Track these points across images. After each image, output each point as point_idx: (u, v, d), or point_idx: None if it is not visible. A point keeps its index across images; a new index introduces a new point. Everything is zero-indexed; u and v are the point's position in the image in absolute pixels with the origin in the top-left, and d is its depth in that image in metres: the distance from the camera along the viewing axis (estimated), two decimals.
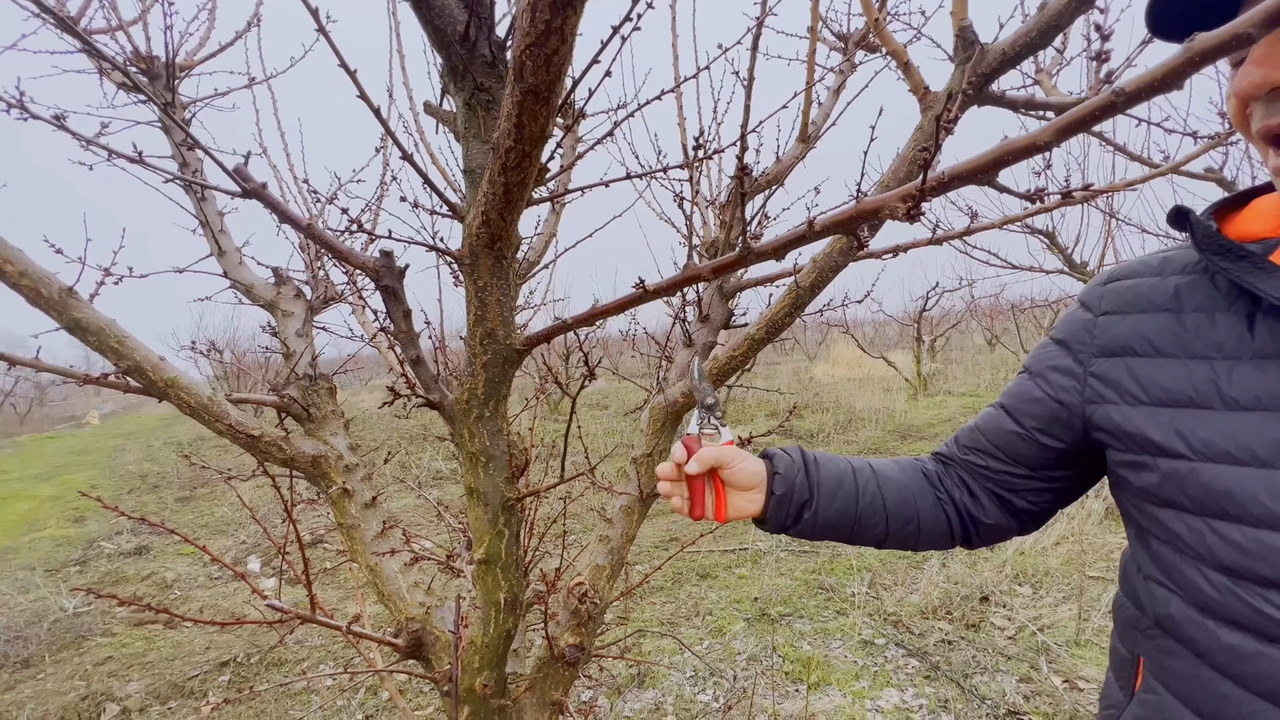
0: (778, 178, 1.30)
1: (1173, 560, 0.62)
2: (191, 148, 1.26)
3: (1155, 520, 0.63)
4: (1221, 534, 0.56)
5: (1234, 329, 0.58)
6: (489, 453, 0.80)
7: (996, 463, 0.77)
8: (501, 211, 0.63)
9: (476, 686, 0.92)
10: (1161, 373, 0.62)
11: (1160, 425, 0.61)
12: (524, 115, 0.52)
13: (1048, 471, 0.75)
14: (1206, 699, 0.58)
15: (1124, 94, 0.34)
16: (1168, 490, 0.60)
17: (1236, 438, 0.55)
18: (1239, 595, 0.55)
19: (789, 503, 0.76)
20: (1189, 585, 0.60)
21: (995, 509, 0.79)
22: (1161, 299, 0.65)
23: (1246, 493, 0.54)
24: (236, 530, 5.67)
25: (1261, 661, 0.54)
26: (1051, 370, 0.73)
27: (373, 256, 0.76)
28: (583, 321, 0.67)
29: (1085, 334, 0.70)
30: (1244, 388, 0.56)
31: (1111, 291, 0.70)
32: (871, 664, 2.67)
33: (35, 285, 0.86)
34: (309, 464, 1.06)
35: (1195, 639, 0.59)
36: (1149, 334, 0.64)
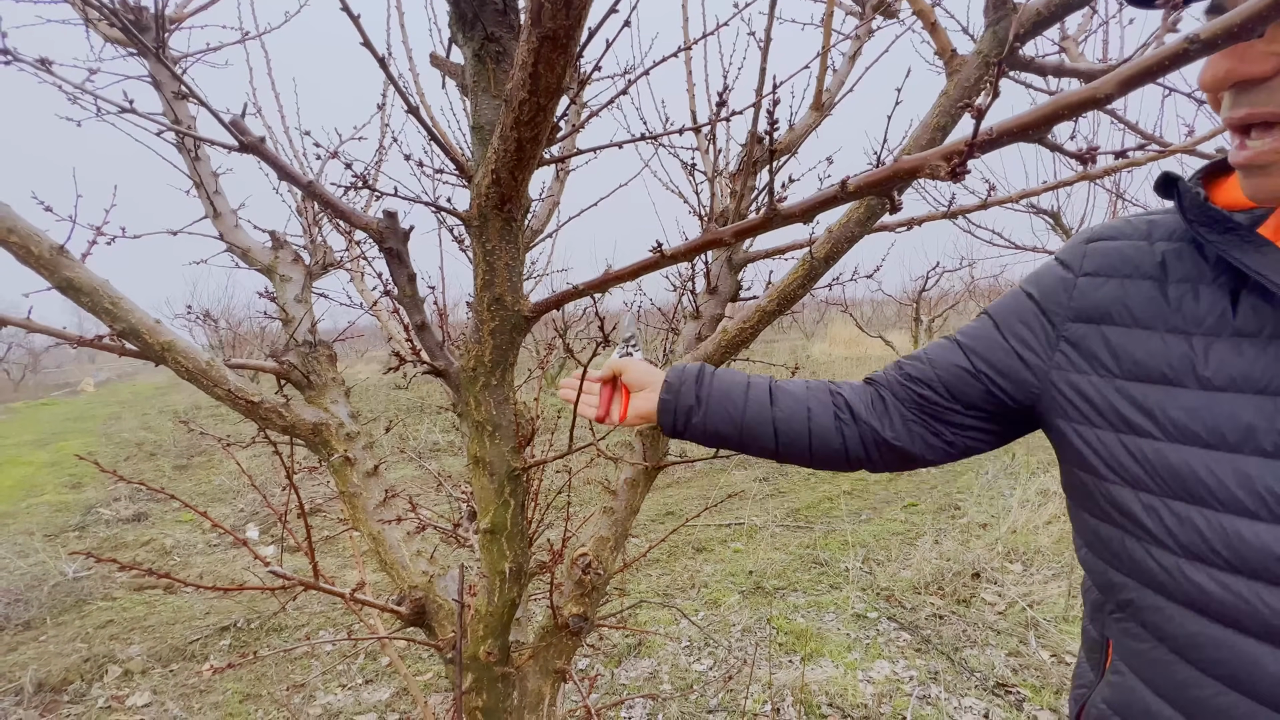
0: (790, 146, 1.26)
1: (1119, 540, 0.60)
2: (183, 97, 1.21)
3: (1108, 497, 0.60)
4: (1181, 516, 0.54)
5: (1217, 304, 0.55)
6: (495, 421, 0.78)
7: (937, 396, 0.74)
8: (513, 170, 0.60)
9: (480, 654, 0.92)
10: (1138, 345, 0.59)
11: (1130, 400, 0.58)
12: (540, 64, 0.49)
13: (980, 414, 0.72)
14: (1167, 683, 0.57)
15: (1199, 41, 0.31)
16: (1129, 466, 0.58)
17: (1207, 419, 0.53)
18: (1193, 579, 0.53)
19: (675, 406, 0.82)
20: (1139, 567, 0.58)
21: (908, 433, 0.76)
22: (1147, 266, 0.61)
23: (1213, 477, 0.52)
24: (234, 498, 5.69)
25: (1218, 646, 0.53)
26: (1020, 325, 0.68)
27: (375, 217, 0.73)
28: (595, 287, 0.64)
29: (1063, 294, 0.66)
30: (1219, 367, 0.53)
31: (1095, 251, 0.65)
32: (864, 636, 2.72)
33: (24, 242, 0.83)
34: (309, 431, 1.04)
35: (1155, 623, 0.58)
36: (1130, 302, 0.60)
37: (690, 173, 1.27)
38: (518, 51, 0.50)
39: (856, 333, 12.88)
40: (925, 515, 4.23)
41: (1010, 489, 4.41)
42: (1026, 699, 2.26)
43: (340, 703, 2.53)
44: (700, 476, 5.68)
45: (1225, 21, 0.31)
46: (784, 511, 4.56)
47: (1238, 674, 0.52)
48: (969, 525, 3.96)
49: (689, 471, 5.82)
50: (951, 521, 4.08)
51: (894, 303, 13.22)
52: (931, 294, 12.67)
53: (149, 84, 1.35)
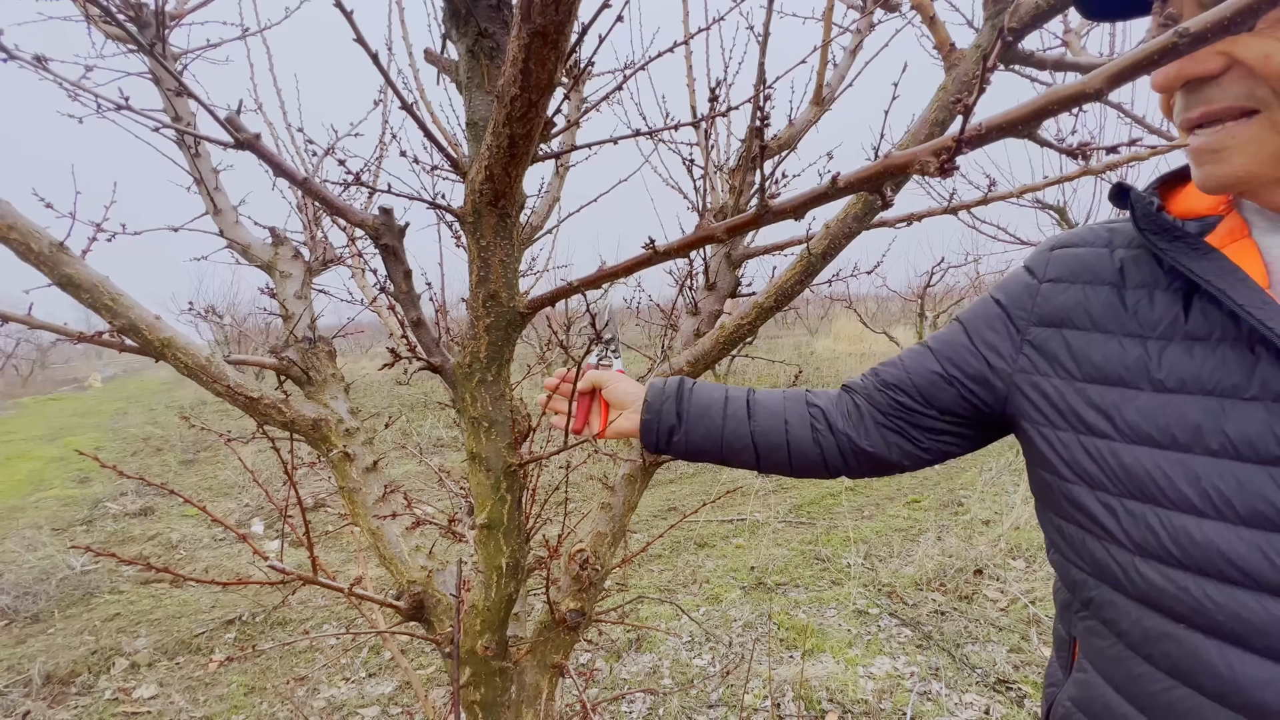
0: (790, 141, 1.26)
1: (1080, 538, 0.61)
2: (180, 94, 1.21)
3: (1068, 496, 0.62)
4: (1134, 514, 0.56)
5: (1170, 309, 0.57)
6: (491, 418, 0.78)
7: (912, 401, 0.75)
8: (506, 166, 0.60)
9: (478, 649, 0.93)
10: (1096, 348, 0.61)
11: (1088, 402, 0.60)
12: (531, 60, 0.49)
13: (955, 419, 0.74)
14: (1125, 678, 0.59)
15: (1188, 35, 0.31)
16: (1087, 467, 0.59)
17: (1159, 420, 0.55)
18: (1145, 576, 0.55)
19: (656, 425, 0.83)
20: (1097, 565, 0.60)
21: (883, 441, 0.77)
22: (1106, 272, 0.63)
23: (1163, 476, 0.54)
24: (240, 493, 5.73)
25: (1168, 641, 0.54)
26: (988, 330, 0.70)
27: (371, 214, 0.73)
28: (590, 284, 0.64)
29: (1027, 299, 0.68)
30: (1171, 370, 0.55)
31: (1058, 259, 0.67)
32: (865, 632, 2.72)
33: (25, 239, 0.83)
34: (309, 427, 1.05)
35: (1112, 619, 0.60)
36: (1090, 307, 0.62)
37: (690, 168, 1.27)
38: (509, 47, 0.50)
39: (861, 328, 12.84)
40: (928, 511, 4.22)
41: (1014, 485, 4.40)
42: (1027, 695, 2.26)
43: (343, 696, 2.55)
44: (702, 472, 5.68)
45: (1216, 15, 0.30)
46: (786, 507, 4.56)
47: (1185, 668, 0.53)
48: (972, 522, 3.96)
49: (690, 467, 5.82)
50: (954, 518, 4.07)
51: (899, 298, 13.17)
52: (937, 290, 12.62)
53: (149, 80, 1.36)
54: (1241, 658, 0.50)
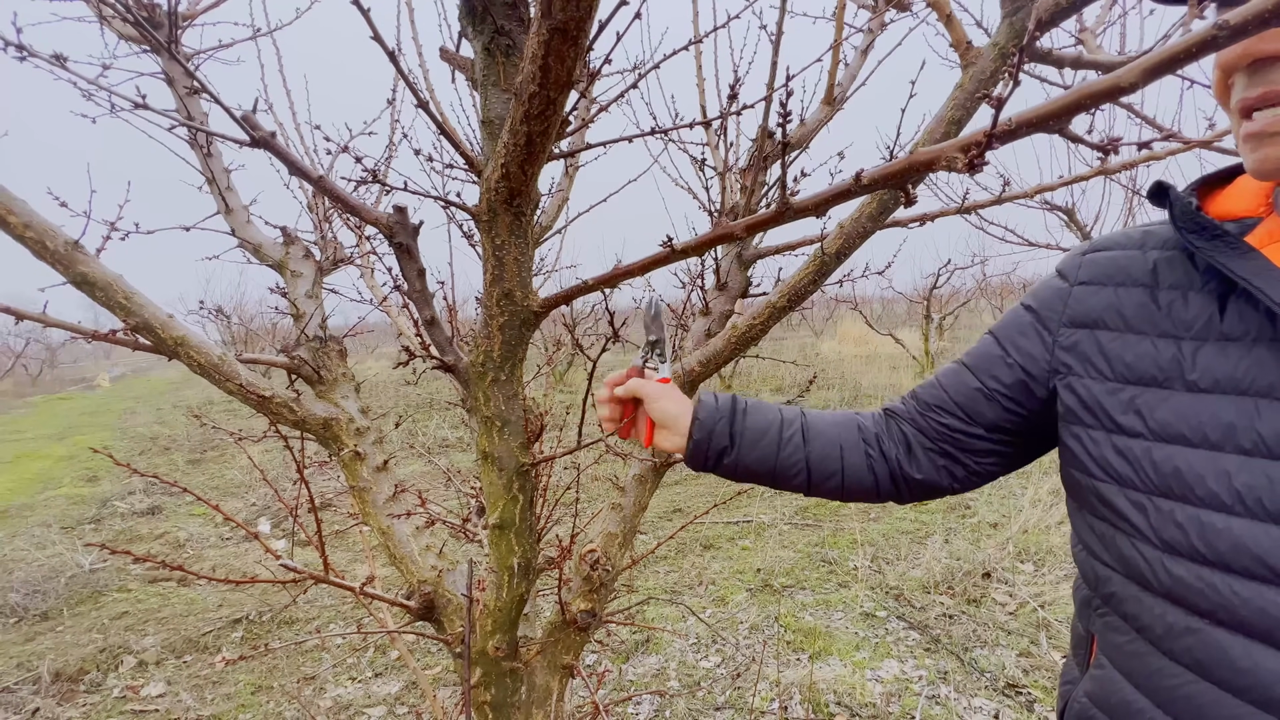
0: (801, 141, 1.25)
1: (1110, 536, 0.61)
2: (195, 93, 1.22)
3: (1098, 495, 0.62)
4: (1164, 512, 0.56)
5: (1205, 309, 0.57)
6: (504, 417, 0.78)
7: (956, 420, 0.74)
8: (522, 164, 0.60)
9: (489, 649, 0.93)
10: (1128, 349, 0.61)
11: (1121, 402, 0.60)
12: (551, 56, 0.48)
13: (1002, 435, 0.73)
14: (1144, 673, 0.59)
15: (1228, 27, 0.30)
16: (1117, 465, 0.60)
17: (1191, 420, 0.55)
18: (1172, 572, 0.55)
19: (707, 447, 0.78)
20: (1125, 561, 0.60)
21: (932, 466, 0.77)
22: (1139, 273, 0.63)
23: (1194, 474, 0.54)
24: (247, 492, 5.75)
25: (1190, 636, 0.55)
26: (1020, 337, 0.70)
27: (386, 212, 0.73)
28: (605, 282, 0.64)
29: (1058, 303, 0.68)
30: (1206, 370, 0.55)
31: (1090, 262, 0.67)
32: (872, 635, 2.71)
33: (40, 238, 0.84)
34: (320, 426, 1.05)
35: (1135, 615, 0.60)
36: (1122, 308, 0.62)
37: (700, 168, 1.26)
38: (527, 44, 0.50)
39: (866, 330, 12.80)
40: (935, 514, 4.20)
41: (1022, 488, 4.37)
42: (1037, 700, 2.24)
43: (350, 695, 2.55)
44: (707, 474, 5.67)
45: (1258, 6, 0.30)
46: (792, 509, 4.54)
47: (1206, 663, 0.54)
48: (979, 524, 3.93)
49: None
50: (961, 521, 4.05)
51: (904, 300, 13.12)
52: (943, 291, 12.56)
53: (162, 80, 1.36)
54: (1265, 653, 0.50)
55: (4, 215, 0.81)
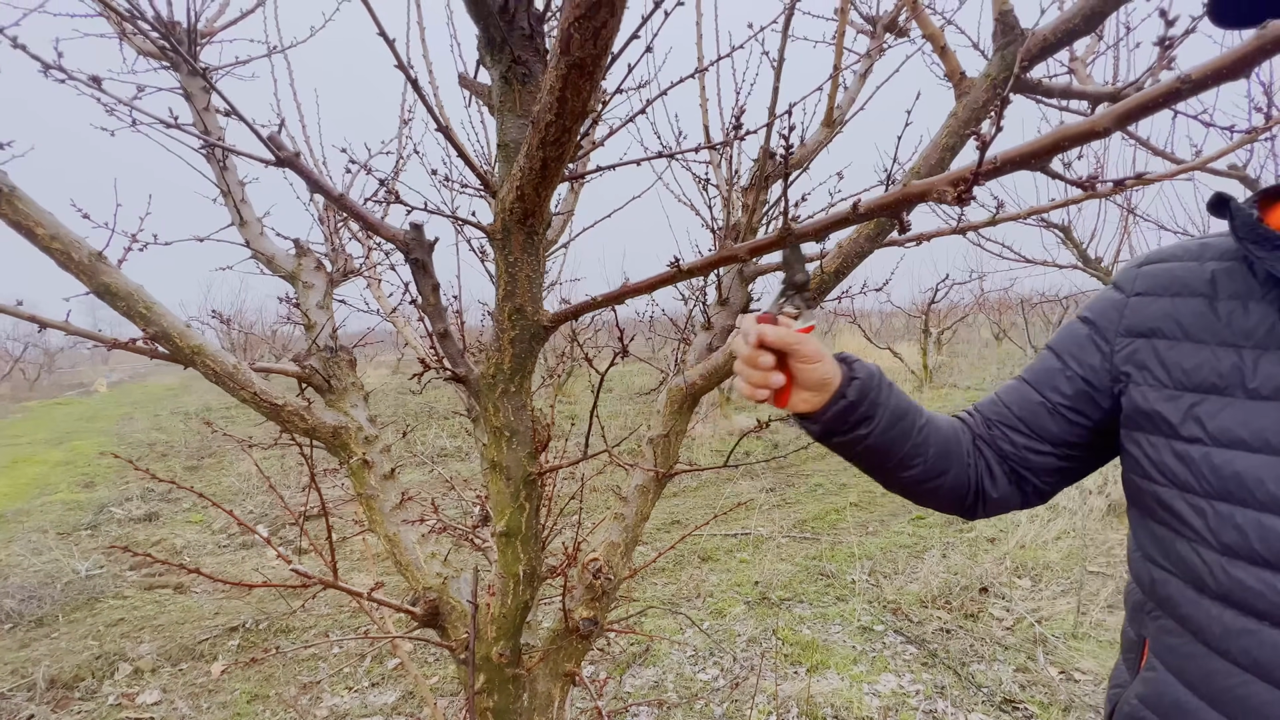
0: (801, 162, 1.29)
1: (1169, 540, 0.64)
2: (227, 113, 1.25)
3: (1158, 499, 0.64)
4: (1223, 515, 0.58)
5: (1266, 318, 0.59)
6: (513, 427, 0.80)
7: (1021, 437, 0.75)
8: (536, 186, 0.63)
9: (493, 655, 0.94)
10: (1187, 357, 0.63)
11: (1180, 409, 0.62)
12: (568, 89, 0.52)
13: (1067, 449, 0.74)
14: (1198, 674, 0.61)
15: (1190, 81, 0.33)
16: (1176, 470, 0.62)
17: (1252, 425, 0.57)
18: (1231, 574, 0.57)
19: (853, 414, 0.69)
20: (1184, 564, 0.62)
21: (1007, 485, 0.77)
22: (1197, 284, 0.65)
23: (1254, 478, 0.56)
24: (243, 500, 5.74)
25: (1248, 637, 0.57)
26: (1078, 349, 0.73)
27: (402, 229, 0.76)
28: (614, 299, 0.67)
29: (1115, 314, 0.70)
30: (1268, 377, 0.57)
31: (1146, 274, 0.70)
32: (870, 649, 2.71)
33: (66, 249, 0.86)
34: (329, 434, 1.07)
35: (1191, 617, 0.62)
36: (1180, 317, 0.64)
37: (703, 187, 1.30)
38: (545, 77, 0.53)
39: (865, 344, 12.84)
40: (933, 528, 4.20)
41: None
42: (1034, 715, 2.24)
43: (346, 705, 2.55)
44: (707, 486, 5.67)
45: (1215, 64, 0.33)
46: (791, 522, 4.55)
47: (1263, 663, 0.55)
48: (977, 539, 3.94)
49: (695, 480, 5.81)
50: (959, 535, 4.06)
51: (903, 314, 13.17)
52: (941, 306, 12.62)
53: (180, 95, 1.40)
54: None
55: (32, 227, 0.84)
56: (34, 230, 0.84)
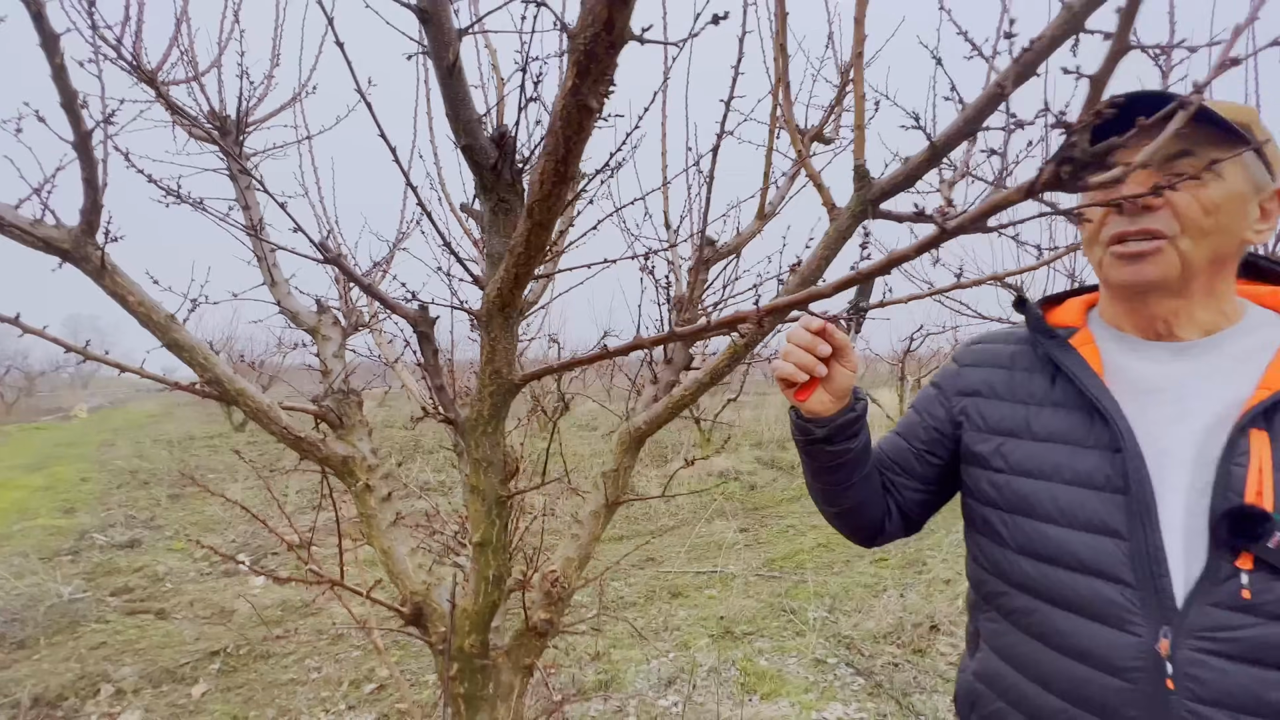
0: (736, 248, 1.58)
1: (988, 546, 0.87)
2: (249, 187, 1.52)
3: (981, 515, 0.88)
4: (1018, 525, 0.82)
5: (1043, 384, 0.85)
6: (489, 459, 1.05)
7: (899, 476, 0.99)
8: (512, 288, 0.89)
9: (466, 646, 1.16)
10: (995, 410, 0.89)
11: (991, 448, 0.87)
12: (532, 236, 0.79)
13: (929, 485, 0.98)
14: (1009, 648, 0.83)
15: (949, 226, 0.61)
16: (991, 494, 0.86)
17: (1035, 459, 0.82)
18: (1023, 569, 0.80)
19: (854, 426, 0.86)
20: (996, 564, 0.85)
21: (899, 517, 1.00)
22: (1003, 359, 0.92)
23: (1035, 497, 0.80)
24: (226, 529, 5.82)
25: (1036, 615, 0.79)
26: (931, 405, 0.98)
27: (412, 309, 1.02)
28: (565, 367, 0.93)
29: (952, 380, 0.97)
30: (1043, 425, 0.83)
31: (972, 351, 0.98)
32: (821, 680, 2.89)
33: (148, 312, 1.11)
34: (340, 463, 1.30)
35: (1002, 605, 0.84)
36: (992, 382, 0.91)
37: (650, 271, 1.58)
38: (519, 225, 0.80)
39: None
40: (893, 569, 4.41)
41: None
42: None
43: None
44: (684, 525, 5.84)
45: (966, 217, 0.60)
46: (760, 561, 4.73)
47: (1043, 633, 0.78)
48: (933, 580, 4.14)
49: (672, 520, 5.99)
50: (917, 576, 4.26)
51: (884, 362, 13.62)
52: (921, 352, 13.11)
53: (225, 175, 1.68)
54: (1078, 621, 0.74)
55: (125, 296, 1.09)
56: (126, 298, 1.10)
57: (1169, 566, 0.69)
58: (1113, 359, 0.81)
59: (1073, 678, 0.74)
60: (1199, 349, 0.77)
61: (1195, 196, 0.72)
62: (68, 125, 0.94)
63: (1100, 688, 0.71)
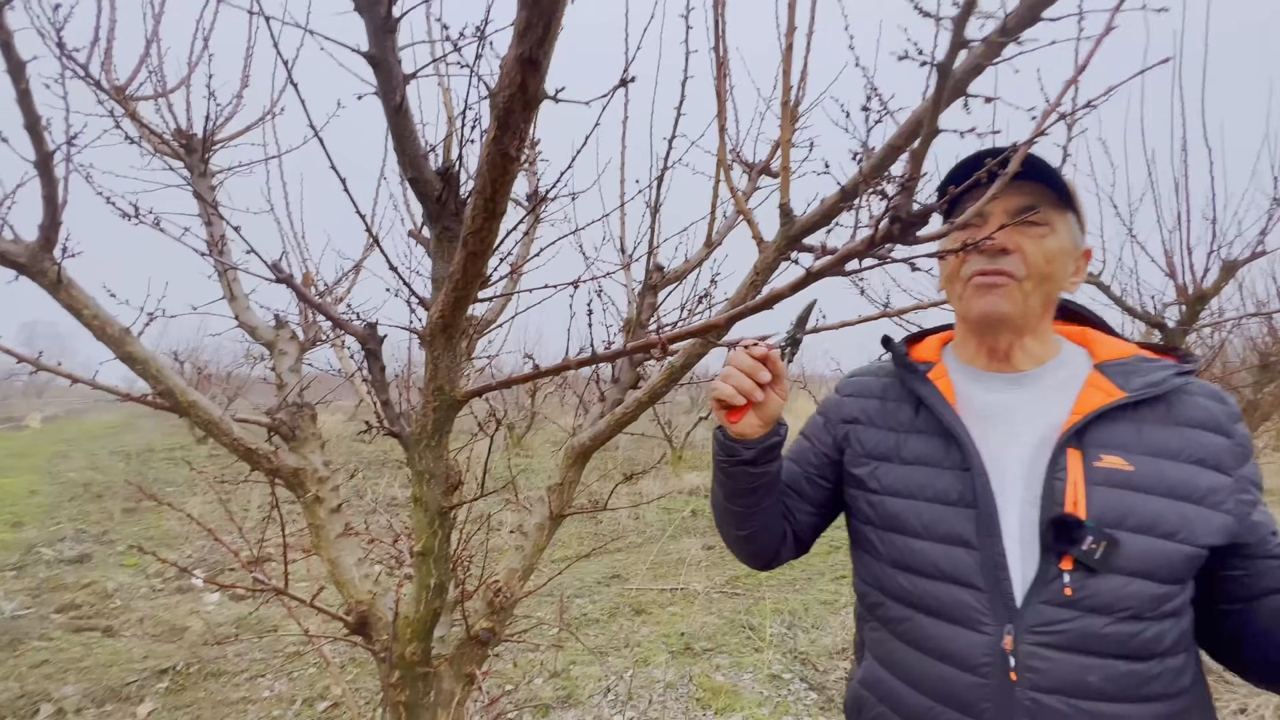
0: (684, 274, 1.67)
1: (869, 561, 0.95)
2: (215, 205, 1.57)
3: (862, 533, 0.96)
4: (891, 541, 0.90)
5: (909, 413, 0.94)
6: (432, 472, 1.11)
7: (793, 500, 1.06)
8: (453, 311, 0.96)
9: (407, 654, 1.20)
10: (871, 437, 0.97)
11: (868, 471, 0.95)
12: (468, 264, 0.86)
13: (819, 507, 1.06)
14: (886, 655, 0.90)
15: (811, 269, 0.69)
16: (869, 513, 0.94)
17: (903, 480, 0.90)
18: (896, 580, 0.88)
19: (775, 451, 0.93)
20: (875, 577, 0.93)
21: (792, 540, 1.06)
22: (876, 390, 1.01)
23: (904, 515, 0.88)
24: (182, 544, 5.66)
25: (907, 623, 0.87)
26: (819, 433, 1.06)
27: (360, 327, 1.08)
28: (504, 384, 1.00)
29: (835, 408, 1.05)
30: (909, 450, 0.92)
31: (851, 382, 1.07)
32: (776, 695, 2.94)
33: (103, 325, 1.15)
34: (290, 474, 1.34)
35: (882, 615, 0.91)
36: (868, 411, 1.00)
37: (600, 295, 1.66)
38: (456, 255, 0.87)
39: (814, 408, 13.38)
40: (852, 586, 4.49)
41: None
42: None
43: None
44: (650, 542, 5.87)
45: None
46: (724, 578, 4.78)
47: (914, 638, 0.85)
48: None
49: (639, 537, 6.02)
50: None
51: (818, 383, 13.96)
52: None
53: (190, 192, 1.71)
54: (939, 624, 0.82)
55: (80, 309, 1.13)
56: (81, 311, 1.13)
57: (1010, 571, 0.78)
58: (962, 389, 0.91)
59: (939, 678, 0.81)
60: (1029, 379, 0.88)
61: (1040, 247, 0.83)
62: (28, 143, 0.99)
63: (961, 685, 0.79)
